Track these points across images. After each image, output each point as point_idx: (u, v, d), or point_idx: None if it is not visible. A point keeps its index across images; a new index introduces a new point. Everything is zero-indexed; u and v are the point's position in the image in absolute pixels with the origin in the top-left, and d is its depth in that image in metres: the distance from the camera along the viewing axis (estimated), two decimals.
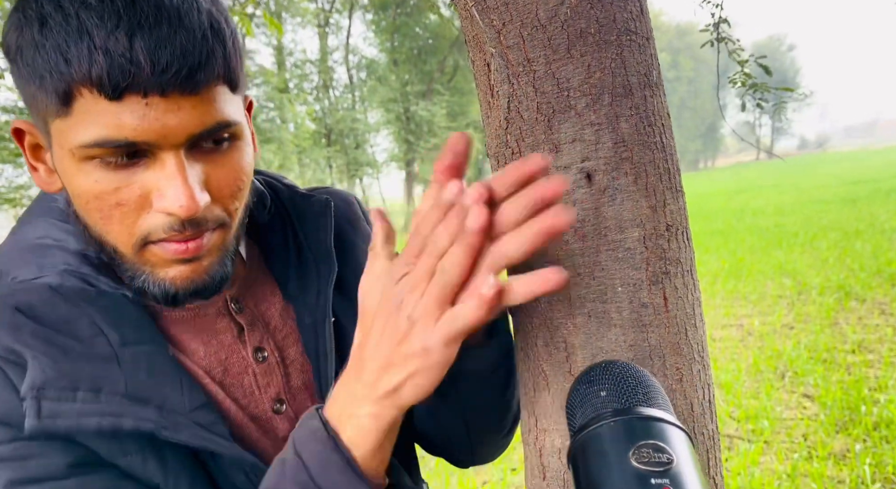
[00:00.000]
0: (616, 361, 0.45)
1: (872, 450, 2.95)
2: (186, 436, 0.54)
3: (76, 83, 0.47)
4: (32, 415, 0.49)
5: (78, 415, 0.50)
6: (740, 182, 27.84)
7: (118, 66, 0.47)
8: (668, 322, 0.54)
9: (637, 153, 0.54)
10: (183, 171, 0.51)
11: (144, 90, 0.48)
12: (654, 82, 0.57)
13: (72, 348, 0.53)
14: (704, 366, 0.57)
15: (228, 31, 0.53)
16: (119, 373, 0.53)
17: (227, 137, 0.55)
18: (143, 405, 0.53)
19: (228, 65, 0.52)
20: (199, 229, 0.54)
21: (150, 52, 0.47)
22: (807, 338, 4.72)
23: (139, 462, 0.54)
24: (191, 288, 0.57)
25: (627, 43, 0.55)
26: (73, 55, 0.47)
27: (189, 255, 0.55)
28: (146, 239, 0.54)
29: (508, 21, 0.55)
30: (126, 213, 0.53)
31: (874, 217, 10.11)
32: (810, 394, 3.75)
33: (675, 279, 0.55)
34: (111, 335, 0.55)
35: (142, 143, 0.50)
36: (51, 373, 0.51)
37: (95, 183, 0.51)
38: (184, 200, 0.51)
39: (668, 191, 0.56)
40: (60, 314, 0.54)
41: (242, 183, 0.58)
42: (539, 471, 0.56)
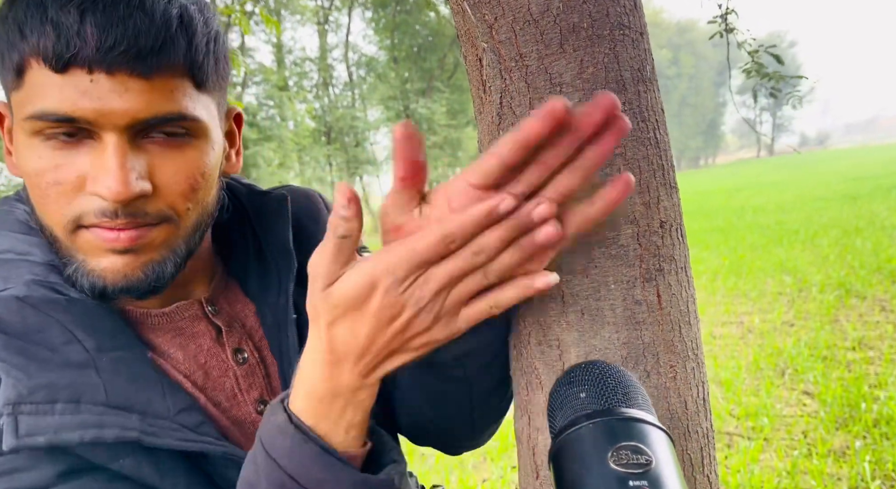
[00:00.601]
0: (597, 362, 0.45)
1: (872, 447, 2.95)
2: (172, 440, 0.53)
3: (27, 54, 0.48)
4: (10, 433, 0.47)
5: (57, 429, 0.48)
6: (741, 179, 27.81)
7: (65, 38, 0.47)
8: (662, 319, 0.54)
9: (630, 149, 0.54)
10: (120, 155, 0.50)
11: (90, 65, 0.47)
12: (648, 77, 0.56)
13: (46, 358, 0.51)
14: (699, 364, 0.56)
15: (203, 28, 0.52)
16: (98, 380, 0.52)
17: (184, 133, 0.54)
18: (126, 413, 0.51)
19: (193, 59, 0.51)
20: (133, 220, 0.52)
21: (99, 27, 0.47)
22: (807, 335, 4.72)
23: (133, 465, 0.53)
24: (121, 283, 0.54)
25: (620, 38, 0.54)
26: (27, 27, 0.47)
27: (120, 246, 0.53)
28: (77, 221, 0.52)
29: (500, 16, 0.54)
30: (62, 193, 0.51)
31: (875, 214, 10.09)
32: (810, 392, 3.75)
33: (668, 276, 0.55)
34: (86, 342, 0.53)
35: (82, 120, 0.49)
36: (25, 388, 0.49)
37: (38, 159, 0.51)
38: (113, 184, 0.49)
39: (662, 187, 0.55)
40: (30, 323, 0.52)
41: (196, 182, 0.56)
42: (532, 469, 0.56)
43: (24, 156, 0.52)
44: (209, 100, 0.56)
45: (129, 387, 0.53)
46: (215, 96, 0.57)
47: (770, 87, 2.27)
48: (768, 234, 9.64)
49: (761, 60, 2.46)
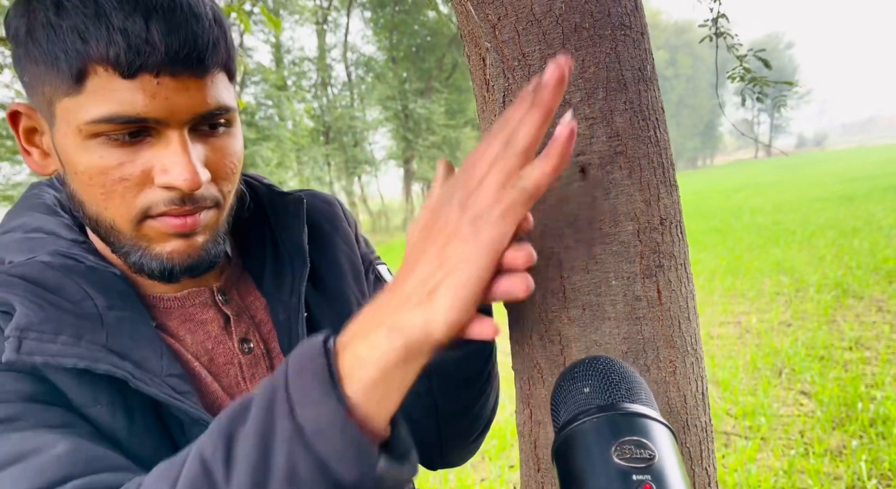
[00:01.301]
0: (600, 357, 0.46)
1: (869, 446, 2.96)
2: (157, 390, 0.54)
3: (92, 61, 0.50)
4: (11, 350, 0.50)
5: (55, 354, 0.51)
6: (738, 180, 27.86)
7: (135, 46, 0.50)
8: (662, 315, 0.55)
9: (631, 147, 0.55)
10: (187, 149, 0.54)
11: (157, 70, 0.51)
12: (649, 77, 0.57)
13: (59, 304, 0.55)
14: (698, 359, 0.57)
15: (227, 24, 0.57)
16: (102, 330, 0.55)
17: (224, 122, 0.58)
18: (120, 358, 0.54)
19: (229, 54, 0.56)
20: (196, 205, 0.57)
21: (164, 34, 0.50)
22: (804, 335, 4.73)
23: (108, 413, 0.54)
24: (187, 263, 0.59)
25: (622, 37, 0.55)
26: (91, 35, 0.50)
27: (187, 230, 0.57)
28: (146, 213, 0.56)
29: (504, 16, 0.55)
30: (128, 188, 0.55)
31: (872, 214, 10.12)
32: (807, 391, 3.76)
33: (668, 272, 0.56)
34: (98, 300, 0.57)
35: (151, 120, 0.53)
36: (36, 319, 0.52)
37: (100, 159, 0.54)
38: (188, 175, 0.54)
39: (662, 185, 0.56)
40: (50, 281, 0.56)
41: (235, 166, 0.60)
42: (534, 462, 0.57)
43: (81, 157, 0.54)
44: (233, 87, 0.60)
45: (130, 342, 0.56)
46: (235, 83, 0.61)
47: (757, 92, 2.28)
48: (766, 234, 9.67)
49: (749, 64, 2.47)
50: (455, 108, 25.21)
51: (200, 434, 0.49)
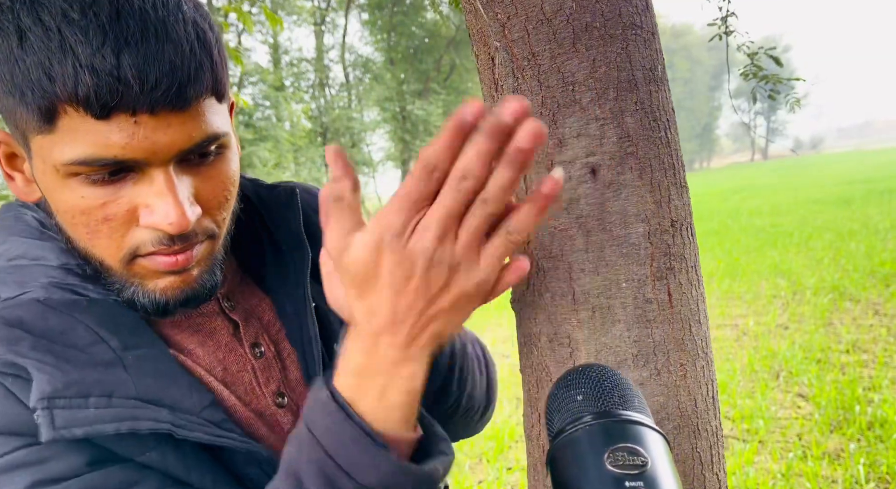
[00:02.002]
0: (593, 365, 0.45)
1: (866, 449, 2.96)
2: (202, 434, 0.53)
3: (61, 101, 0.46)
4: (47, 426, 0.48)
5: (93, 421, 0.49)
6: (735, 182, 27.93)
7: (106, 85, 0.45)
8: (673, 318, 0.54)
9: (642, 148, 0.54)
10: (173, 188, 0.50)
11: (133, 108, 0.46)
12: (659, 77, 0.56)
13: (74, 357, 0.51)
14: (708, 363, 0.57)
15: (213, 38, 0.51)
16: (126, 376, 0.52)
17: (214, 150, 0.54)
18: (156, 406, 0.52)
19: (216, 76, 0.51)
20: (188, 243, 0.54)
21: (138, 69, 0.45)
22: (801, 338, 4.74)
23: (158, 458, 0.53)
24: (181, 297, 0.56)
25: (633, 37, 0.54)
26: (56, 73, 0.45)
27: (178, 267, 0.54)
28: (135, 253, 0.53)
29: (513, 15, 0.55)
30: (114, 228, 0.52)
31: (868, 217, 10.15)
32: (805, 394, 3.76)
33: (679, 275, 0.55)
34: (111, 341, 0.54)
35: (129, 161, 0.49)
36: (59, 383, 0.49)
37: (81, 199, 0.50)
38: (174, 217, 0.50)
39: (673, 186, 0.56)
40: (53, 325, 0.52)
41: (229, 193, 0.57)
42: (542, 466, 0.56)
43: (63, 196, 0.51)
44: (225, 107, 0.56)
45: (156, 384, 0.54)
46: (227, 99, 0.57)
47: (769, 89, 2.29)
48: (763, 236, 9.68)
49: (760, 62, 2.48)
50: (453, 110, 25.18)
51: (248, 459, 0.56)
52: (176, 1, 0.49)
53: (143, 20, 0.46)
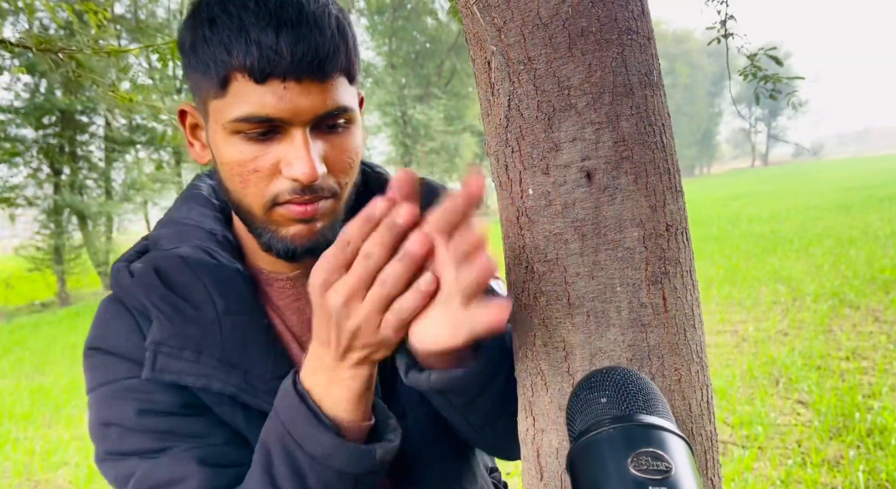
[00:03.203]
0: (617, 367, 0.45)
1: (866, 456, 2.96)
2: (261, 401, 0.65)
3: (233, 69, 0.59)
4: (148, 367, 0.63)
5: (180, 372, 0.63)
6: (735, 188, 27.93)
7: (265, 56, 0.58)
8: (667, 322, 0.54)
9: (637, 152, 0.54)
10: (307, 145, 0.62)
11: (284, 76, 0.59)
12: (655, 82, 0.56)
13: (186, 312, 0.66)
14: (703, 367, 0.57)
15: (350, 33, 0.64)
16: (218, 338, 0.65)
17: (343, 121, 0.65)
18: (232, 369, 0.65)
19: (349, 60, 0.63)
20: (315, 195, 0.65)
21: (291, 45, 0.58)
22: (801, 344, 4.73)
23: (229, 413, 0.67)
24: (307, 244, 0.67)
25: (629, 42, 0.55)
26: (233, 47, 0.59)
27: (307, 216, 0.65)
28: (274, 200, 0.65)
29: (510, 19, 0.55)
30: (260, 178, 0.64)
31: (868, 224, 10.15)
32: (804, 401, 3.76)
33: (674, 279, 0.55)
34: (219, 303, 0.67)
35: (277, 120, 0.61)
36: (167, 333, 0.64)
37: (239, 153, 0.63)
38: (307, 169, 0.61)
39: (668, 191, 0.56)
40: (183, 279, 0.68)
41: (352, 160, 0.68)
42: (536, 471, 0.56)
43: (225, 150, 0.64)
44: (355, 91, 0.68)
45: (241, 349, 0.66)
46: (357, 85, 0.68)
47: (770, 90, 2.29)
48: (762, 243, 9.68)
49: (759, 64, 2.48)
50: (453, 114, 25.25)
51: None
52: (325, 1, 0.62)
53: (299, 9, 0.59)
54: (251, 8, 0.59)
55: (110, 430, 0.65)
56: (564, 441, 0.55)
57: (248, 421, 0.67)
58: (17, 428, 4.94)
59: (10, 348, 8.56)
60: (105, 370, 0.67)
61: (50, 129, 13.99)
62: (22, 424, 5.01)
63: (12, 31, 9.39)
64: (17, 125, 13.45)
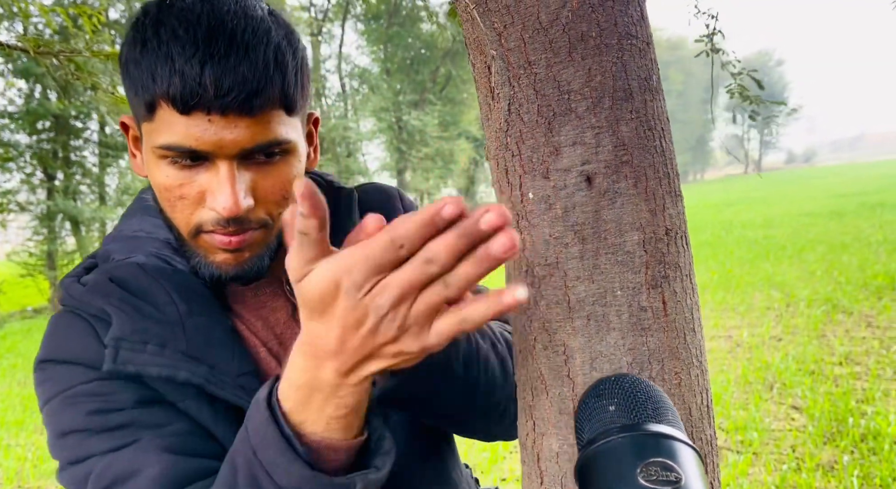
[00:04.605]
0: (626, 375, 0.45)
1: (860, 461, 2.96)
2: (229, 394, 0.63)
3: (158, 97, 0.59)
4: (109, 360, 0.61)
5: (144, 363, 0.61)
6: (729, 194, 28.06)
7: (189, 88, 0.57)
8: (667, 326, 0.54)
9: (637, 157, 0.54)
10: (232, 179, 0.61)
11: (208, 108, 0.58)
12: (654, 87, 0.57)
13: (148, 312, 0.64)
14: (703, 371, 0.57)
15: (292, 61, 0.62)
16: (182, 336, 0.64)
17: (278, 152, 0.64)
18: (197, 363, 0.63)
19: (286, 93, 0.61)
20: (241, 227, 0.64)
21: (216, 78, 0.57)
22: (795, 349, 4.75)
23: (194, 407, 0.64)
24: (232, 273, 0.67)
25: (628, 47, 0.55)
26: (158, 75, 0.58)
27: (231, 247, 0.65)
28: (199, 228, 0.64)
29: (510, 24, 0.55)
30: (186, 205, 0.64)
31: (861, 230, 10.21)
32: (798, 406, 3.77)
33: (673, 283, 0.55)
34: (180, 306, 0.66)
35: (201, 152, 0.60)
36: (128, 329, 0.62)
37: (166, 178, 0.63)
38: (228, 204, 0.61)
39: (668, 195, 0.56)
40: (142, 285, 0.67)
41: (287, 192, 0.66)
42: (537, 475, 0.56)
43: (154, 173, 0.64)
44: (297, 120, 0.66)
45: (206, 346, 0.65)
46: (301, 114, 0.67)
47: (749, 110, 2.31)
48: (756, 248, 9.72)
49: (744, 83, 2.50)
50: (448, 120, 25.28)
51: None
52: (266, 27, 0.60)
53: (230, 41, 0.58)
54: (181, 36, 0.58)
55: (68, 439, 0.62)
56: (565, 445, 0.55)
57: (216, 414, 0.65)
58: (8, 434, 4.90)
59: (3, 354, 8.50)
60: (58, 380, 0.65)
61: (44, 133, 13.94)
62: (14, 431, 4.97)
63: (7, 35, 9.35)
64: (11, 130, 13.41)
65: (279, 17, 0.64)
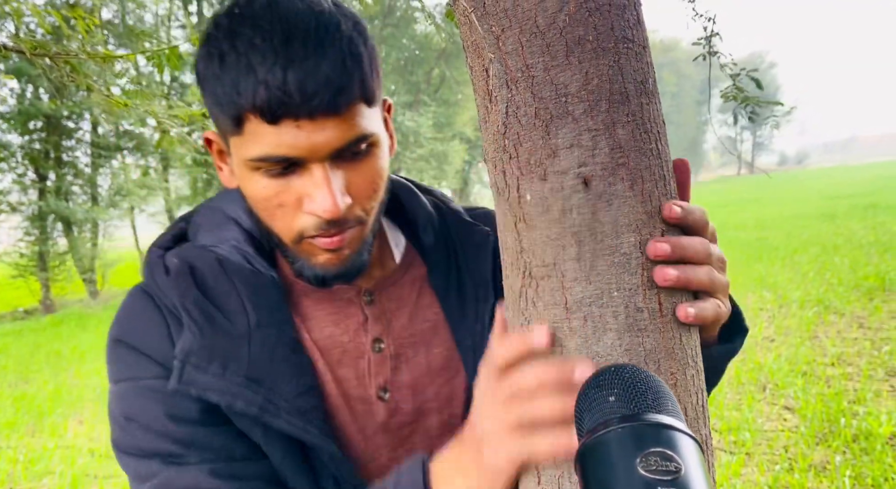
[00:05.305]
0: (626, 365, 0.45)
1: (852, 461, 2.99)
2: (283, 422, 0.65)
3: (245, 110, 0.59)
4: (175, 378, 0.63)
5: (205, 387, 0.63)
6: (722, 196, 28.19)
7: (275, 98, 0.57)
8: (664, 327, 0.55)
9: (633, 159, 0.55)
10: (328, 180, 0.62)
11: (296, 115, 0.58)
12: (650, 90, 0.57)
13: (218, 321, 0.66)
14: (698, 371, 0.57)
15: (365, 51, 0.62)
16: (246, 353, 0.65)
17: (366, 147, 0.65)
18: (257, 387, 0.64)
19: (365, 84, 0.61)
20: (340, 227, 0.65)
21: (299, 83, 0.57)
22: (787, 350, 4.78)
23: (248, 427, 0.66)
24: (334, 272, 0.68)
25: (625, 51, 0.55)
26: (242, 88, 0.58)
27: (334, 247, 0.66)
28: (301, 234, 0.66)
29: (507, 27, 0.56)
30: (285, 213, 0.65)
31: (852, 232, 10.28)
32: (791, 407, 3.79)
33: None
34: (251, 316, 0.67)
35: (295, 159, 0.61)
36: (197, 344, 0.64)
37: (263, 188, 0.63)
38: (328, 205, 0.62)
39: (664, 197, 0.56)
40: (219, 285, 0.68)
41: (378, 185, 0.68)
42: (534, 475, 0.56)
43: (249, 185, 0.65)
44: (377, 110, 0.66)
45: (268, 364, 0.66)
46: (378, 102, 0.67)
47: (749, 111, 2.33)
48: (749, 250, 9.77)
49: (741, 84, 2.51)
50: (443, 122, 25.31)
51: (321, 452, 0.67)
52: (336, 21, 0.60)
53: (305, 41, 0.57)
54: (258, 45, 0.57)
55: (132, 425, 0.65)
56: None
57: (268, 437, 0.67)
58: (0, 436, 4.87)
59: None
60: (130, 365, 0.67)
61: (35, 134, 13.87)
62: (5, 433, 4.94)
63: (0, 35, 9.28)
64: (3, 131, 13.33)
65: (343, 8, 0.64)
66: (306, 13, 0.59)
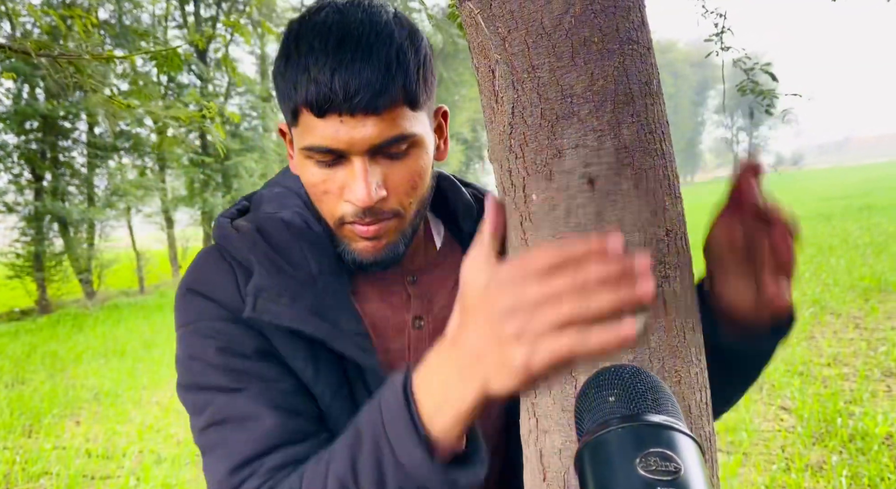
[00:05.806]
0: (626, 366, 0.45)
1: (849, 461, 3.00)
2: (349, 347, 0.71)
3: (299, 105, 0.67)
4: (250, 307, 0.69)
5: (278, 314, 0.69)
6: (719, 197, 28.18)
7: (322, 94, 0.64)
8: (668, 325, 0.55)
9: (638, 159, 0.55)
10: (364, 172, 0.68)
11: (339, 111, 0.65)
12: (655, 91, 0.58)
13: (286, 268, 0.73)
14: (702, 369, 0.58)
15: (414, 59, 0.68)
16: (311, 293, 0.72)
17: (406, 146, 0.70)
18: (322, 319, 0.71)
19: (408, 89, 0.67)
20: (376, 217, 0.71)
21: (344, 83, 0.64)
22: (784, 351, 4.79)
23: (301, 365, 0.71)
24: (371, 259, 0.74)
25: (629, 52, 0.56)
26: (298, 84, 0.66)
27: (369, 235, 0.72)
28: (342, 220, 0.72)
29: (514, 29, 0.56)
30: (330, 199, 0.72)
31: (848, 233, 10.31)
32: (787, 407, 3.80)
33: (673, 283, 0.56)
34: (313, 265, 0.74)
35: (336, 150, 0.67)
36: (267, 282, 0.71)
37: (312, 175, 0.71)
38: (362, 195, 0.68)
39: (668, 196, 0.57)
40: (284, 240, 0.75)
41: (415, 183, 0.73)
42: (539, 471, 0.57)
43: (303, 172, 0.72)
44: (423, 114, 0.71)
45: (331, 305, 0.73)
46: (426, 108, 0.73)
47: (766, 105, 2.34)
48: None
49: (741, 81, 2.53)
50: None
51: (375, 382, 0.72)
52: (389, 30, 0.66)
53: (356, 47, 0.64)
54: (316, 47, 0.65)
55: (194, 363, 0.71)
56: (567, 441, 0.56)
57: (317, 375, 0.72)
58: None
59: None
60: (194, 310, 0.73)
61: (31, 134, 13.82)
62: (1, 434, 4.93)
63: None
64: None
65: (403, 20, 0.70)
66: (363, 22, 0.66)
